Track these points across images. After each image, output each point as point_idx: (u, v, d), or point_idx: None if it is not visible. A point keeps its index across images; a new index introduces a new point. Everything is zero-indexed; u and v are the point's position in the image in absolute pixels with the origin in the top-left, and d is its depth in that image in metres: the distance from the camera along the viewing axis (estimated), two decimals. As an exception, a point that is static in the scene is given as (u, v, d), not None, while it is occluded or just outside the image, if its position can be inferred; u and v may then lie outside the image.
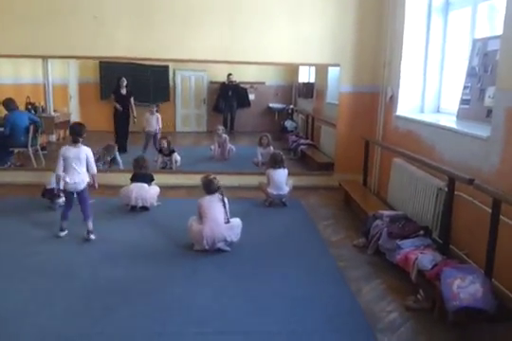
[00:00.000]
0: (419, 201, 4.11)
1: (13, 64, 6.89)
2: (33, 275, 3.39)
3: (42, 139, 6.77)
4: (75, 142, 4.00)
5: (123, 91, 7.60)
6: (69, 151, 3.99)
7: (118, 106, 7.56)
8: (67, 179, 3.94)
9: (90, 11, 5.65)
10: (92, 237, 4.04)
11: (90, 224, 4.05)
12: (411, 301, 3.06)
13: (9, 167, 6.25)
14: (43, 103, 7.32)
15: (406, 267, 3.28)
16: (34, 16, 5.61)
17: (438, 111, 5.06)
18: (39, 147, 6.54)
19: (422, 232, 3.63)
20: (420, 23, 4.97)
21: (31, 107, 7.15)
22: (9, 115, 6.20)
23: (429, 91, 5.07)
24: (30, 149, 6.30)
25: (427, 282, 3.05)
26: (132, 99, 7.73)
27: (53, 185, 4.45)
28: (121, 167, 6.32)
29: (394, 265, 3.51)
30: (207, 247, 3.79)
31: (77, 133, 4.02)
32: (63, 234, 4.09)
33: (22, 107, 6.97)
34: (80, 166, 3.99)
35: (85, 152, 4.06)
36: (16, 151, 6.39)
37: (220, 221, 3.84)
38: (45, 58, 6.45)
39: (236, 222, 3.95)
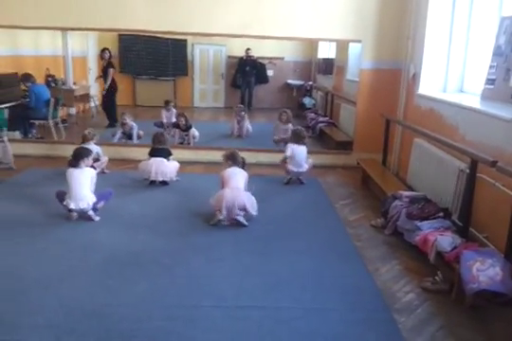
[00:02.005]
0: (440, 182, 4.06)
1: (33, 36, 6.88)
2: (55, 246, 3.46)
3: (62, 112, 6.81)
4: (75, 166, 3.93)
5: (104, 63, 7.45)
6: (73, 173, 3.91)
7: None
8: (72, 206, 3.83)
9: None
10: (95, 217, 3.96)
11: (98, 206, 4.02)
12: (428, 283, 3.06)
13: (30, 138, 6.33)
14: (62, 76, 7.33)
15: (424, 248, 3.27)
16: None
17: (461, 91, 4.93)
18: (59, 119, 6.59)
19: (442, 214, 3.59)
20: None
21: (51, 79, 7.17)
22: (33, 86, 6.24)
23: (453, 70, 4.93)
24: (51, 121, 6.35)
25: (445, 264, 3.04)
26: (110, 70, 7.47)
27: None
28: (135, 140, 6.34)
29: (412, 246, 3.50)
30: (224, 215, 3.82)
31: (76, 156, 3.96)
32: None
33: (42, 79, 7.01)
34: (84, 189, 3.88)
35: (91, 174, 3.97)
36: (37, 123, 6.45)
37: (241, 188, 3.92)
38: (64, 30, 6.41)
39: (251, 196, 3.99)
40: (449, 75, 4.96)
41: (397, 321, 2.66)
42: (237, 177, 3.98)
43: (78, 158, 3.97)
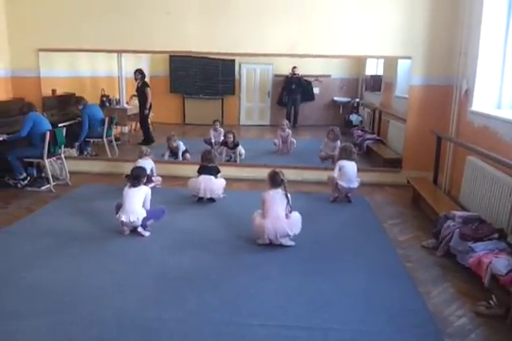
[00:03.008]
0: (494, 202, 3.91)
1: (90, 58, 7.24)
2: (108, 260, 3.58)
3: (116, 130, 7.09)
4: (134, 186, 4.11)
5: (138, 83, 7.59)
6: (129, 191, 4.08)
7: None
8: (123, 218, 3.98)
9: (163, 7, 5.84)
10: (145, 233, 4.09)
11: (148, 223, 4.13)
12: (482, 307, 2.94)
13: (85, 156, 6.62)
14: (117, 96, 7.66)
15: (478, 271, 3.15)
16: (109, 11, 5.87)
17: (517, 107, 4.78)
18: (113, 138, 6.87)
19: (496, 235, 3.46)
20: (499, 12, 4.70)
21: (106, 99, 7.50)
22: (85, 108, 6.55)
23: (508, 85, 4.79)
24: (105, 139, 6.63)
25: (500, 288, 2.92)
26: (148, 90, 7.61)
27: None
28: (180, 158, 6.51)
29: (465, 268, 3.39)
30: (267, 241, 3.84)
31: (136, 177, 4.14)
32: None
33: (97, 99, 7.34)
34: (136, 204, 4.03)
35: (145, 192, 4.13)
36: (92, 141, 6.74)
37: (281, 216, 3.87)
38: (120, 52, 6.73)
39: (296, 216, 3.96)
40: (504, 91, 4.82)
41: (450, 346, 2.57)
42: (277, 203, 3.89)
43: (136, 178, 4.15)
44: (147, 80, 7.95)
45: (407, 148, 6.02)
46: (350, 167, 5.11)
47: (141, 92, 7.59)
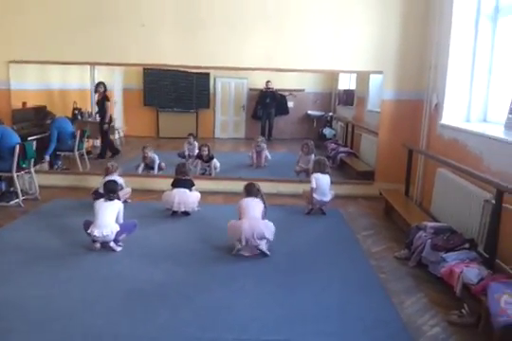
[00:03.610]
0: (464, 213, 3.99)
1: (62, 71, 7.15)
2: (79, 276, 3.49)
3: (87, 144, 6.98)
4: (110, 200, 4.07)
5: (99, 97, 7.38)
6: (102, 205, 4.03)
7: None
8: (96, 233, 3.88)
9: (138, 20, 5.83)
10: (117, 248, 4.01)
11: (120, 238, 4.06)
12: (454, 316, 2.97)
13: (56, 169, 6.49)
14: (89, 109, 7.56)
15: (450, 281, 3.19)
16: (82, 24, 5.82)
17: (485, 120, 4.91)
18: (84, 151, 6.76)
19: (467, 245, 3.52)
20: (468, 29, 4.85)
21: (78, 112, 7.40)
22: (55, 122, 6.44)
23: (476, 99, 4.93)
24: (76, 153, 6.52)
25: (472, 297, 2.96)
26: (107, 104, 7.38)
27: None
28: (156, 172, 6.48)
29: (437, 278, 3.43)
30: (244, 243, 3.83)
31: (110, 191, 4.11)
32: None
33: (69, 112, 7.23)
34: (109, 218, 3.97)
35: (118, 206, 4.08)
36: (62, 154, 6.62)
37: (258, 217, 3.94)
38: (94, 65, 6.67)
39: (269, 223, 4.00)
40: (473, 104, 4.96)
41: (424, 356, 2.58)
42: (253, 207, 4.01)
43: (111, 192, 4.10)
44: (120, 92, 7.89)
45: (379, 161, 6.11)
46: (324, 180, 5.15)
47: (102, 105, 7.44)
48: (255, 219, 3.92)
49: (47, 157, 6.34)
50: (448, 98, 5.06)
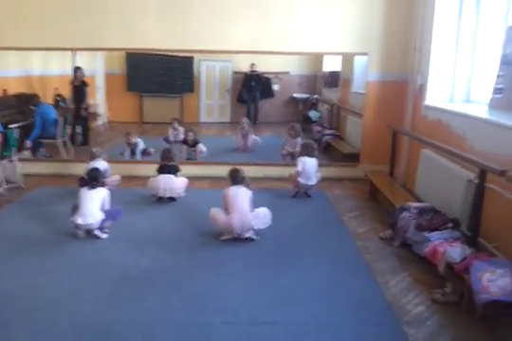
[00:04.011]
0: (448, 193, 4.04)
1: (42, 57, 7.00)
2: (65, 264, 3.48)
3: (70, 131, 6.89)
4: (93, 188, 4.03)
5: (77, 82, 7.13)
6: (87, 193, 4.00)
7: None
8: (79, 221, 3.87)
9: (120, 3, 5.69)
10: (102, 235, 3.99)
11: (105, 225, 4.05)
12: (438, 294, 3.03)
13: (39, 157, 6.41)
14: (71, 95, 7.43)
15: (434, 260, 3.25)
16: (63, 9, 5.67)
17: (468, 100, 4.93)
18: (68, 138, 6.67)
19: (451, 224, 3.58)
20: (451, 9, 4.84)
21: (60, 99, 7.27)
22: (38, 108, 6.35)
23: (460, 80, 4.95)
24: (59, 140, 6.44)
25: (455, 275, 3.02)
26: (85, 89, 7.15)
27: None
28: (138, 157, 6.44)
29: (421, 258, 3.48)
30: (236, 235, 3.85)
31: (93, 178, 4.08)
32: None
33: (50, 99, 7.11)
34: (94, 206, 3.95)
35: (103, 193, 4.05)
36: (45, 142, 6.53)
37: (246, 209, 3.91)
38: (74, 50, 6.53)
39: (263, 211, 3.99)
40: (456, 85, 4.98)
41: (408, 334, 2.64)
42: (242, 198, 3.95)
43: (94, 180, 4.06)
44: (102, 78, 7.76)
45: (364, 142, 6.13)
46: (310, 163, 5.16)
47: (81, 91, 7.26)
48: (244, 211, 3.87)
49: (29, 142, 6.23)
50: (432, 78, 5.07)
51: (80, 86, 7.12)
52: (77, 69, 7.12)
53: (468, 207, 3.67)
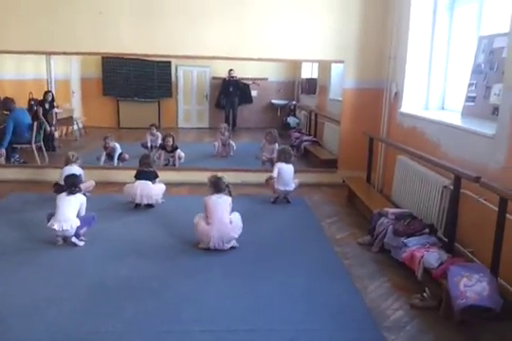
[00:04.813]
0: (424, 198, 4.11)
1: (16, 60, 6.87)
2: (41, 272, 3.40)
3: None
4: (72, 194, 3.96)
5: (47, 105, 7.14)
6: (64, 199, 3.92)
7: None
8: (55, 227, 3.78)
9: (95, 7, 5.62)
10: (79, 242, 3.92)
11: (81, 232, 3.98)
12: (416, 299, 3.06)
13: (13, 163, 6.26)
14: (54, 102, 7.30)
15: (411, 265, 3.29)
16: (37, 12, 5.58)
17: (443, 108, 5.04)
18: (42, 143, 6.54)
19: (427, 230, 3.63)
20: (426, 19, 4.94)
21: (34, 103, 7.12)
22: (12, 113, 6.21)
23: (434, 88, 5.05)
24: (34, 145, 6.30)
25: (433, 280, 3.06)
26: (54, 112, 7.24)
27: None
28: (115, 163, 6.38)
29: (400, 263, 3.52)
30: (212, 247, 3.80)
31: (71, 184, 4.00)
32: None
33: (24, 103, 6.96)
34: (70, 212, 3.87)
35: (81, 200, 3.99)
36: (19, 147, 6.39)
37: (226, 221, 3.83)
38: (48, 54, 6.43)
39: (235, 216, 3.95)
40: (431, 93, 5.08)
41: (387, 339, 2.66)
42: (221, 207, 3.86)
43: (72, 186, 3.98)
44: (78, 82, 7.64)
45: (342, 149, 6.19)
46: (287, 170, 5.18)
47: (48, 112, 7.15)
48: (223, 224, 3.79)
49: (3, 150, 6.09)
50: (408, 86, 5.17)
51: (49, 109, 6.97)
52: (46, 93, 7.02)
53: (444, 213, 3.75)
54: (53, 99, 7.20)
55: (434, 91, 5.06)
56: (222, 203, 3.89)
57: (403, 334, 2.71)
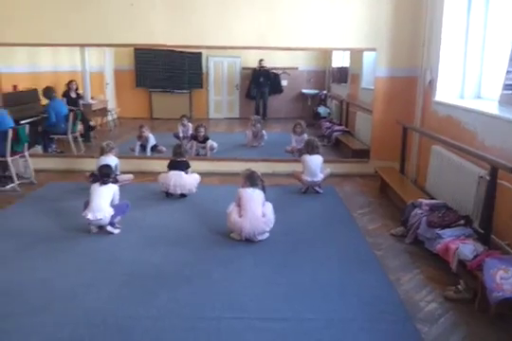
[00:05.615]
0: (459, 189, 4.02)
1: (51, 53, 7.04)
2: (78, 259, 3.51)
3: (80, 126, 6.92)
4: (104, 184, 4.05)
5: (73, 94, 7.35)
6: (98, 189, 4.02)
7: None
8: (89, 216, 3.88)
9: (128, -1, 5.70)
10: (114, 230, 4.03)
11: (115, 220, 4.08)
12: (451, 292, 3.02)
13: (50, 153, 6.45)
14: (81, 91, 7.48)
15: (446, 257, 3.23)
16: (71, 5, 5.69)
17: (479, 97, 4.89)
18: (78, 134, 6.71)
19: (462, 221, 3.55)
20: (461, 3, 4.79)
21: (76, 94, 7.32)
22: (51, 102, 6.39)
23: (470, 76, 4.90)
24: (70, 136, 6.47)
25: (468, 273, 3.00)
26: (80, 102, 7.40)
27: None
28: (148, 153, 6.49)
29: (433, 255, 3.47)
30: (243, 239, 3.84)
31: (104, 175, 4.09)
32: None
33: (60, 95, 7.14)
34: (103, 202, 3.96)
35: (113, 189, 4.09)
36: (56, 138, 6.57)
37: (258, 215, 3.85)
38: (82, 46, 6.56)
39: (269, 210, 3.94)
40: (466, 81, 4.93)
41: (420, 331, 2.64)
42: (255, 201, 3.89)
43: (105, 176, 4.08)
44: (111, 74, 7.78)
45: (374, 139, 6.11)
46: (313, 161, 5.15)
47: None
48: (256, 218, 3.81)
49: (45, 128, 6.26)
50: (442, 74, 5.04)
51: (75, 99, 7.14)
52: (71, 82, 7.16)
53: (480, 204, 3.65)
54: (77, 88, 7.36)
55: (470, 79, 4.91)
56: (255, 197, 3.92)
57: (436, 327, 2.68)
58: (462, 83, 4.98)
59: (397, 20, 5.66)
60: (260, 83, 8.99)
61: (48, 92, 6.44)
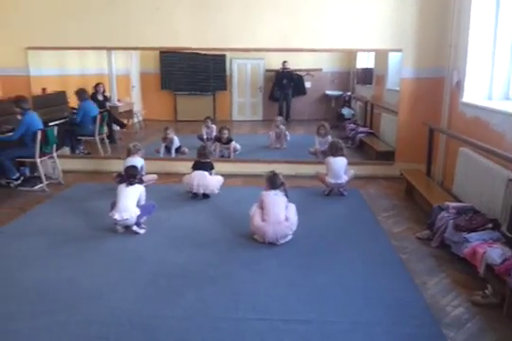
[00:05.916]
0: (487, 192, 3.93)
1: (79, 56, 7.19)
2: (104, 259, 3.57)
3: (107, 128, 7.05)
4: (130, 184, 4.11)
5: (100, 97, 7.48)
6: (124, 189, 4.08)
7: None
8: (116, 216, 3.94)
9: (153, 3, 5.79)
10: (140, 230, 4.08)
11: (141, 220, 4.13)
12: (478, 296, 2.97)
13: (78, 154, 6.59)
14: (107, 93, 7.62)
15: (473, 261, 3.17)
16: (98, 9, 5.82)
17: (507, 98, 4.79)
18: (105, 135, 6.84)
19: (490, 225, 3.48)
20: (489, 3, 4.70)
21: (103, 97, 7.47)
22: (83, 103, 6.54)
23: (498, 77, 4.80)
24: (97, 137, 6.60)
25: (496, 277, 2.94)
26: (107, 104, 7.53)
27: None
28: (173, 155, 6.54)
29: (460, 259, 3.41)
30: (267, 242, 3.83)
31: (131, 176, 4.15)
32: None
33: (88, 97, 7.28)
34: (130, 202, 4.02)
35: (140, 190, 4.15)
36: (84, 139, 6.71)
37: (281, 219, 3.84)
38: (109, 49, 6.68)
39: (292, 213, 3.93)
40: (494, 82, 4.84)
41: (446, 336, 2.60)
42: (278, 205, 3.89)
43: (132, 177, 4.15)
44: (137, 76, 7.90)
45: (399, 140, 6.04)
46: (337, 163, 5.12)
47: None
48: (279, 222, 3.81)
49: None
50: (470, 75, 4.95)
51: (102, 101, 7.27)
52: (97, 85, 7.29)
53: (509, 207, 3.57)
54: (104, 91, 7.51)
55: (498, 80, 4.81)
56: (278, 200, 3.92)
57: (463, 332, 2.64)
58: (490, 84, 4.88)
59: (423, 21, 5.59)
60: (283, 85, 8.98)
61: (81, 94, 6.59)
